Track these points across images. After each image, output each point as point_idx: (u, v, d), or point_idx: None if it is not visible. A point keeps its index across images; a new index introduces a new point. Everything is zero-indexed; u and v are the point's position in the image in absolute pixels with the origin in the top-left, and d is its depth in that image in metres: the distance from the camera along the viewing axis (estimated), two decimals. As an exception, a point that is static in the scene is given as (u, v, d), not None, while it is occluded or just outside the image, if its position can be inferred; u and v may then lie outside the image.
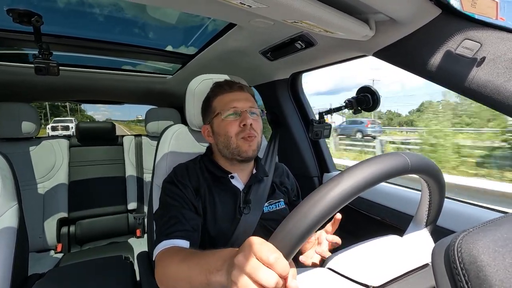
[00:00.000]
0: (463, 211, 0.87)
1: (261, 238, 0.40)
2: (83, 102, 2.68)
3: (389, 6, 0.66)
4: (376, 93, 1.03)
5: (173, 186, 0.83)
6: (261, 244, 0.38)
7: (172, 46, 1.54)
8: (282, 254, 0.37)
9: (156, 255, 0.70)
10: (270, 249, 0.37)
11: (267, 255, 0.36)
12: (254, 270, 0.36)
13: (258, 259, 0.37)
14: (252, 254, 0.38)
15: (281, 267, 0.36)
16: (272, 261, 0.36)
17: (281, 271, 0.36)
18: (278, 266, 0.36)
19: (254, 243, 0.38)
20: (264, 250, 0.37)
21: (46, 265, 1.64)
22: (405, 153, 0.45)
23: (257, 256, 0.37)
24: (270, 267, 0.36)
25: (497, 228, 0.33)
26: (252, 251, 0.38)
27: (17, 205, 0.96)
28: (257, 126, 0.85)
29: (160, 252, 0.69)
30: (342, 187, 0.38)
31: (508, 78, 0.57)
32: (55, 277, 1.00)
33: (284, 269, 0.36)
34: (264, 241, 0.39)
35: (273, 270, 0.36)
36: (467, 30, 0.62)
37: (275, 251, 0.37)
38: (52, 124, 15.62)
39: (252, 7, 0.58)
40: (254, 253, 0.37)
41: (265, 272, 0.36)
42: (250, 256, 0.38)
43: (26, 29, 1.07)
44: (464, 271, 0.31)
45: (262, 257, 0.36)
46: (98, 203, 2.09)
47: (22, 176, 1.55)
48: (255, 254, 0.37)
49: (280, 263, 0.36)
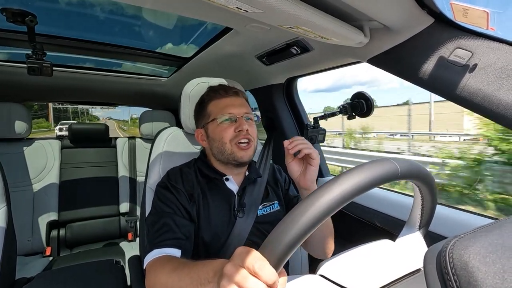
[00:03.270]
0: (455, 217, 0.88)
1: (256, 241, 0.40)
2: (76, 103, 2.65)
3: (383, 14, 0.67)
4: (370, 99, 1.05)
5: (166, 190, 0.82)
6: (247, 253, 0.38)
7: (172, 44, 1.53)
8: (270, 262, 0.36)
9: (146, 264, 0.70)
10: (256, 257, 0.37)
11: (252, 263, 0.36)
12: (242, 279, 0.36)
13: (245, 269, 0.37)
14: (240, 263, 0.38)
15: (266, 275, 0.35)
16: (257, 269, 0.35)
17: (267, 279, 0.35)
18: (263, 274, 0.35)
19: (242, 252, 0.39)
20: (251, 258, 0.37)
21: (34, 269, 1.59)
22: (395, 160, 0.45)
23: (245, 266, 0.37)
24: (255, 276, 0.36)
25: (487, 234, 0.34)
26: (240, 260, 0.38)
27: (5, 207, 0.94)
28: (253, 131, 0.86)
29: (151, 261, 0.69)
30: (331, 195, 0.38)
31: (498, 86, 0.58)
32: (44, 281, 0.98)
33: (270, 277, 0.35)
34: (252, 250, 0.39)
35: (258, 279, 0.36)
36: (459, 39, 0.64)
37: (261, 259, 0.37)
38: (59, 126, 20.19)
39: (248, 12, 0.58)
40: (242, 262, 0.37)
41: (253, 281, 0.36)
42: (238, 265, 0.38)
43: (20, 28, 1.06)
44: (456, 277, 0.32)
45: (249, 266, 0.36)
46: (89, 205, 2.06)
47: (12, 178, 1.52)
48: (243, 263, 0.37)
49: (265, 271, 0.35)
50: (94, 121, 49.23)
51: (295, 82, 1.50)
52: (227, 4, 0.55)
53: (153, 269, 0.66)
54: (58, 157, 1.98)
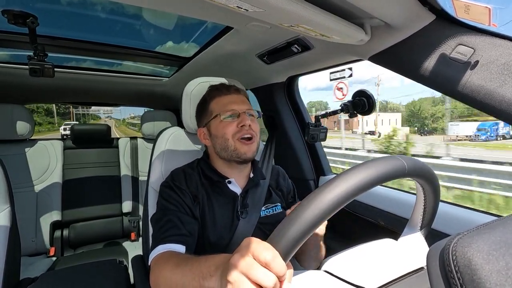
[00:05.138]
0: (457, 215, 0.87)
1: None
2: (78, 104, 2.66)
3: (384, 11, 0.67)
4: (372, 97, 1.04)
5: (170, 190, 0.83)
6: (258, 243, 0.37)
7: (172, 42, 1.53)
8: (280, 254, 0.36)
9: (151, 260, 0.70)
10: (267, 248, 0.36)
11: (264, 254, 0.36)
12: (251, 269, 0.36)
13: (255, 258, 0.36)
14: (249, 253, 0.37)
15: (278, 267, 0.35)
16: (269, 260, 0.35)
17: (278, 271, 0.35)
18: (275, 265, 0.35)
19: (251, 242, 0.38)
20: (261, 248, 0.36)
21: (38, 269, 1.61)
22: (402, 157, 0.45)
23: (254, 256, 0.36)
24: (266, 267, 0.35)
25: (491, 231, 0.34)
26: (249, 250, 0.37)
27: (9, 208, 0.95)
28: (255, 127, 0.86)
29: (155, 257, 0.69)
30: (340, 189, 0.38)
31: (500, 83, 0.57)
32: (48, 282, 0.98)
33: (281, 268, 0.35)
34: (261, 240, 0.38)
35: (269, 270, 0.35)
36: (461, 35, 0.63)
37: (272, 249, 0.36)
38: (63, 126, 24.84)
39: (249, 11, 0.58)
40: (251, 253, 0.37)
41: (262, 271, 0.35)
42: (247, 255, 0.37)
43: (21, 30, 1.06)
44: (459, 274, 0.31)
45: (259, 256, 0.36)
46: (92, 205, 2.07)
47: (15, 179, 1.52)
48: (252, 253, 0.37)
49: (277, 262, 0.35)
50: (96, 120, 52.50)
51: (296, 81, 1.50)
52: (227, 3, 0.55)
53: (157, 265, 0.67)
54: (60, 158, 1.99)
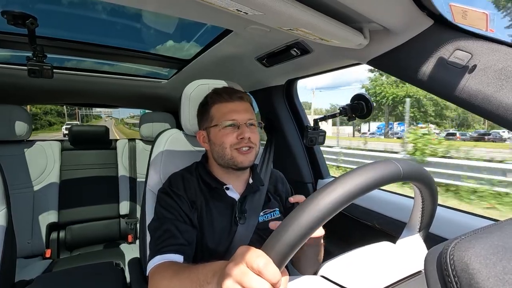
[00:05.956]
0: (455, 219, 0.87)
1: (257, 247, 0.39)
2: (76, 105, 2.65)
3: (383, 16, 0.67)
4: (370, 101, 1.05)
5: (168, 197, 0.82)
6: (251, 251, 0.38)
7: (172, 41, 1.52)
8: (273, 261, 0.36)
9: (149, 270, 0.70)
10: (259, 255, 0.36)
11: (257, 261, 0.36)
12: (245, 277, 0.36)
13: (248, 267, 0.37)
14: (243, 261, 0.37)
15: (270, 274, 0.35)
16: (262, 267, 0.35)
17: (271, 278, 0.35)
18: (268, 273, 0.35)
19: (245, 251, 0.38)
20: (254, 256, 0.36)
21: (34, 271, 1.59)
22: (397, 161, 0.45)
23: (247, 263, 0.37)
24: (259, 274, 0.36)
25: (488, 235, 0.34)
26: (243, 258, 0.37)
27: (5, 209, 0.94)
28: (255, 138, 0.84)
29: (153, 268, 0.69)
30: (335, 194, 0.38)
31: (497, 88, 0.58)
32: (43, 284, 0.98)
33: (274, 276, 0.35)
34: (254, 248, 0.38)
35: (262, 277, 0.35)
36: (458, 40, 0.64)
37: (264, 257, 0.36)
38: (65, 126, 26.99)
39: (248, 14, 0.58)
40: (245, 261, 0.37)
41: (255, 279, 0.35)
42: (240, 263, 0.37)
43: (21, 31, 1.06)
44: (457, 279, 0.31)
45: (252, 264, 0.36)
46: (89, 207, 2.05)
47: (12, 180, 1.52)
48: (246, 261, 0.37)
49: (269, 269, 0.35)
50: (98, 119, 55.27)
51: (295, 84, 1.51)
52: (227, 7, 0.55)
53: (155, 275, 0.67)
54: (58, 159, 1.98)
